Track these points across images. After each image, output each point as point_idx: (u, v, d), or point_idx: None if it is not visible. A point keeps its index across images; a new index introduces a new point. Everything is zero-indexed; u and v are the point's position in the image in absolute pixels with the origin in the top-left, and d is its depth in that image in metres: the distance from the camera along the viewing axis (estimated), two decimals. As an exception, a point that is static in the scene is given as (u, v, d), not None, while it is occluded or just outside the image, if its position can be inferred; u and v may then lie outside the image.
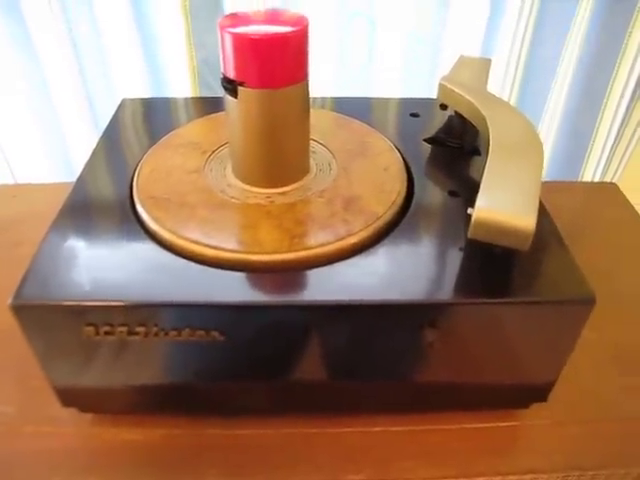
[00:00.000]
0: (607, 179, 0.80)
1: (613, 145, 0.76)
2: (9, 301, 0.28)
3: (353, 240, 0.31)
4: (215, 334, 0.29)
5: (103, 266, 0.30)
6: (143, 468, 0.34)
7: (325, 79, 0.71)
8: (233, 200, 0.34)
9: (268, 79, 0.31)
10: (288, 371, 0.32)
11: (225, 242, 0.31)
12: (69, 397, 0.34)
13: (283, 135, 0.34)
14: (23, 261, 0.32)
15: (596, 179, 0.80)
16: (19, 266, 0.31)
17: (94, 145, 0.41)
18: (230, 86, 0.32)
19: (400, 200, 0.34)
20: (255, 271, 0.30)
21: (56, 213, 0.34)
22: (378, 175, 0.36)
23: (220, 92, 0.33)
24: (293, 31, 0.30)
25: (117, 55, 0.68)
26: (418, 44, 0.70)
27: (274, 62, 0.31)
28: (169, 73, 0.70)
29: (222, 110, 0.43)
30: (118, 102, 0.48)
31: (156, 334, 0.29)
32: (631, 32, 0.68)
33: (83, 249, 0.32)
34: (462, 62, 0.43)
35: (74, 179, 0.38)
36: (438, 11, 0.68)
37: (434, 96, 0.46)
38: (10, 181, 0.76)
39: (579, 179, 0.81)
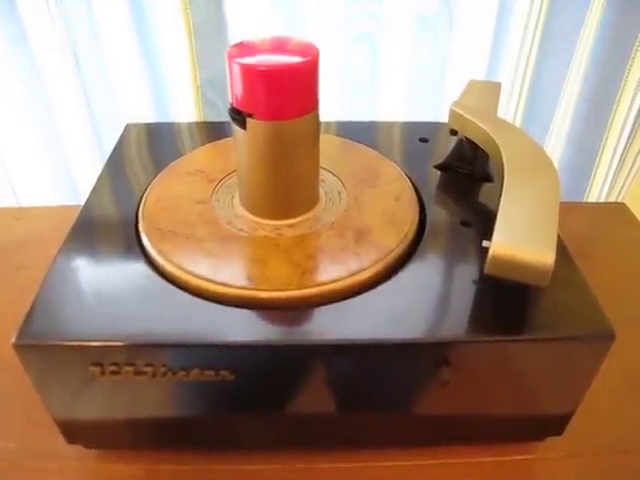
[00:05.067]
0: (613, 197, 0.79)
1: (619, 163, 0.76)
2: (12, 340, 0.28)
3: (365, 275, 0.31)
4: (225, 373, 0.28)
5: (109, 304, 0.30)
6: (148, 505, 0.33)
7: (328, 102, 0.70)
8: (241, 233, 0.34)
9: (277, 111, 0.31)
10: (299, 407, 0.31)
11: (233, 278, 0.30)
12: (73, 434, 0.33)
13: (292, 166, 0.33)
14: (25, 285, 0.31)
15: (602, 197, 0.80)
16: (22, 290, 0.31)
17: (98, 169, 0.41)
18: (239, 117, 0.31)
19: (412, 232, 0.34)
20: (265, 308, 0.30)
21: (59, 237, 0.34)
22: (389, 205, 0.36)
23: (224, 112, 0.32)
24: (303, 62, 0.30)
25: (120, 75, 0.68)
26: (423, 65, 0.70)
27: (284, 93, 0.30)
28: (173, 92, 0.70)
29: (228, 135, 0.43)
30: (121, 122, 0.47)
31: (164, 374, 0.28)
32: (637, 49, 0.67)
33: (87, 285, 0.31)
34: (472, 86, 0.42)
35: (77, 201, 0.38)
36: (443, 31, 0.67)
37: (440, 118, 0.45)
38: (13, 203, 0.75)
39: (585, 197, 0.80)
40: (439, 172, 0.41)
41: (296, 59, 0.30)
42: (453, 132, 0.40)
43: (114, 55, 0.66)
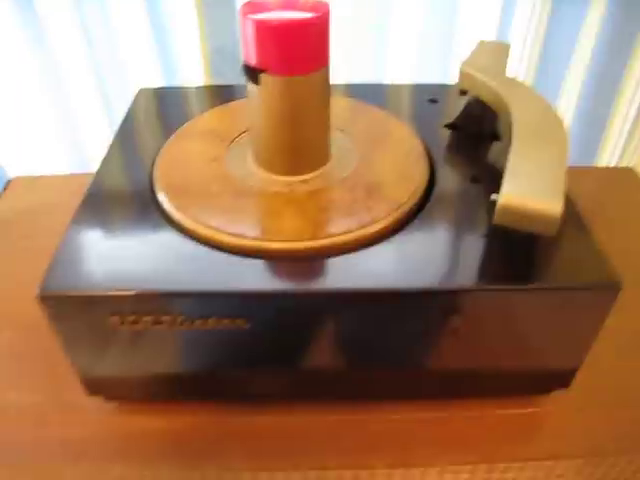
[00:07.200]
0: (623, 163, 0.79)
1: (630, 129, 0.75)
2: (37, 292, 0.28)
3: (376, 227, 0.31)
4: (240, 322, 0.29)
5: (127, 256, 0.31)
6: (168, 455, 0.34)
7: (337, 64, 0.70)
8: (254, 188, 0.34)
9: (290, 66, 0.31)
10: (311, 358, 0.32)
11: (248, 230, 0.31)
12: (94, 386, 0.34)
13: (304, 122, 0.34)
14: (39, 252, 0.32)
15: (612, 164, 0.79)
16: (35, 257, 0.32)
17: (111, 134, 0.41)
18: (252, 73, 0.31)
19: (422, 187, 0.34)
20: (279, 259, 0.30)
21: (71, 205, 0.34)
22: (399, 162, 0.36)
23: (232, 79, 0.33)
24: (315, 17, 0.30)
25: (129, 44, 0.68)
26: (433, 27, 0.69)
27: (296, 49, 0.30)
28: (181, 62, 0.70)
29: (238, 98, 0.43)
30: (131, 91, 0.48)
31: (182, 323, 0.29)
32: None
33: (107, 239, 0.32)
34: (482, 47, 0.42)
35: (87, 169, 0.38)
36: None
37: (448, 80, 0.45)
38: (24, 172, 0.76)
39: (595, 164, 0.80)
40: (449, 131, 0.41)
41: (307, 15, 0.30)
42: (462, 92, 0.40)
43: (123, 26, 0.66)
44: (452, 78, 0.41)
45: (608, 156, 0.79)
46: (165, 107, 0.45)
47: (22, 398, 0.37)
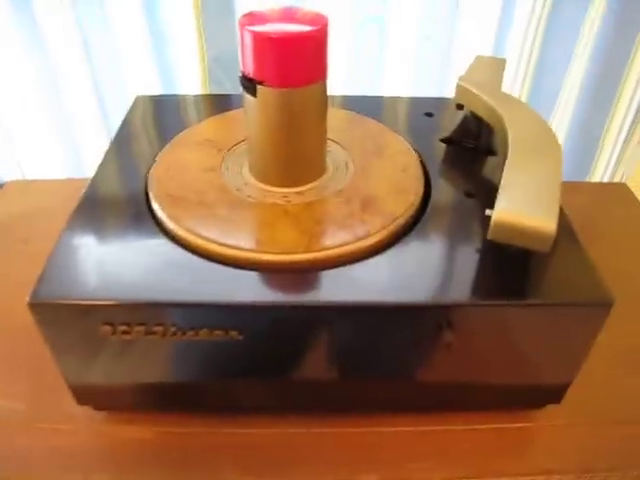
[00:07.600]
0: (617, 179, 0.80)
1: (623, 144, 0.76)
2: (27, 299, 0.28)
3: (371, 241, 0.31)
4: (233, 333, 0.29)
5: (120, 265, 0.30)
6: (156, 466, 0.34)
7: (335, 76, 0.71)
8: (250, 199, 0.34)
9: (287, 78, 0.31)
10: (304, 370, 0.32)
11: (243, 241, 0.31)
12: (84, 395, 0.34)
13: (301, 134, 0.34)
14: (34, 257, 0.32)
15: (606, 178, 0.80)
16: (30, 262, 0.31)
17: (107, 142, 0.41)
18: (249, 85, 0.31)
19: (417, 201, 0.34)
20: (273, 271, 0.30)
21: (66, 209, 0.34)
22: (395, 175, 0.36)
23: (231, 89, 0.33)
24: (313, 30, 0.30)
25: (128, 52, 0.68)
26: (429, 42, 0.70)
27: (293, 61, 0.31)
28: (180, 70, 0.70)
29: (235, 107, 0.43)
30: (128, 98, 0.48)
31: (173, 334, 0.29)
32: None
33: (100, 248, 0.32)
34: (478, 62, 0.43)
35: (83, 175, 0.38)
36: (450, 9, 0.68)
37: (445, 94, 0.46)
38: (20, 177, 0.76)
39: (589, 178, 0.81)
40: (444, 145, 0.41)
41: (306, 28, 0.30)
42: (459, 107, 0.41)
43: (122, 31, 0.67)
44: (449, 92, 0.41)
45: (602, 170, 0.80)
46: (162, 115, 0.45)
47: (10, 404, 0.36)
